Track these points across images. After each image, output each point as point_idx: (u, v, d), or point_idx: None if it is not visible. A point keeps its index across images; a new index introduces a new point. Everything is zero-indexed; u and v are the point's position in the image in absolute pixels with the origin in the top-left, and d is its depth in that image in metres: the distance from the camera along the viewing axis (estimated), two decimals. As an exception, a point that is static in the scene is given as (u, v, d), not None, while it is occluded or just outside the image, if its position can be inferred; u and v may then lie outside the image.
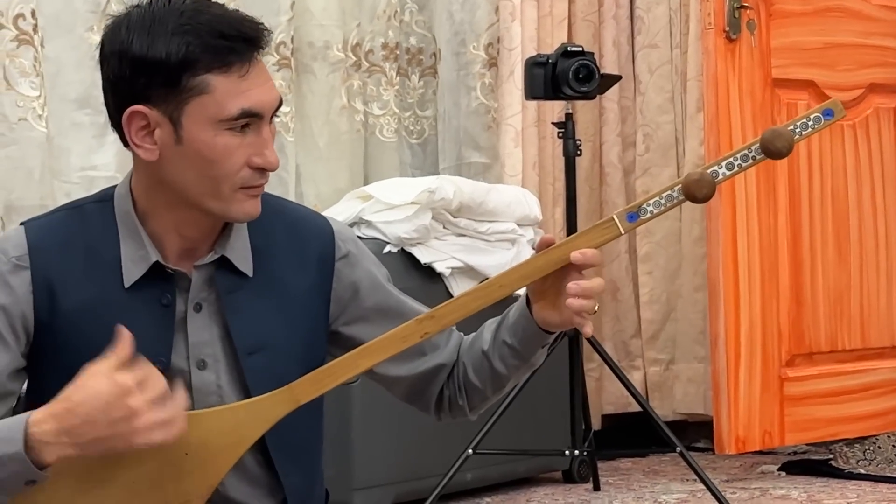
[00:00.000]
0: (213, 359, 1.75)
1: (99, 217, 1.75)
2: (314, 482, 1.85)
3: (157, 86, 1.67)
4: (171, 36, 1.66)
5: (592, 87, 3.65)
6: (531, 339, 1.78)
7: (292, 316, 1.78)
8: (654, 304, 4.55)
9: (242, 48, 1.67)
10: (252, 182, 1.70)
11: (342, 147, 4.07)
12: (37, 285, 1.71)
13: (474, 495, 3.72)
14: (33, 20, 3.42)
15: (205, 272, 1.75)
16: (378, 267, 1.88)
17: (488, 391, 1.85)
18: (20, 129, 3.41)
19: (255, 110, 1.68)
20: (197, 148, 1.67)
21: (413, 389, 1.87)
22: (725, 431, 3.79)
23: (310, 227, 1.83)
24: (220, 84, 1.66)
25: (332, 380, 1.71)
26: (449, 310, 1.72)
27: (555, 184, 4.38)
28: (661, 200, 1.72)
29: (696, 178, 1.71)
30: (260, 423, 1.70)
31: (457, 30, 4.25)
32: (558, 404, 3.78)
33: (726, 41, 3.80)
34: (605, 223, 1.72)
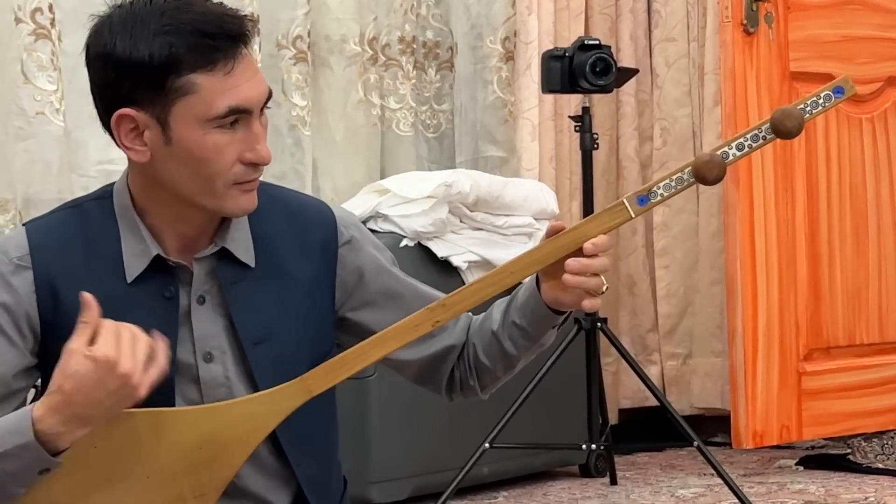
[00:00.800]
0: (220, 351, 1.75)
1: (99, 214, 1.75)
2: (330, 472, 1.85)
3: (142, 88, 1.65)
4: (153, 37, 1.64)
5: (609, 81, 3.64)
6: (540, 319, 1.78)
7: (297, 304, 1.78)
8: (672, 298, 4.54)
9: (226, 45, 1.65)
10: (245, 177, 1.69)
11: (359, 141, 4.07)
12: (39, 285, 1.71)
13: (491, 489, 3.72)
14: (51, 14, 3.43)
15: (206, 264, 1.75)
16: (382, 251, 1.87)
17: (499, 371, 1.85)
18: (38, 123, 3.42)
19: (244, 106, 1.67)
20: (187, 148, 1.67)
21: (423, 371, 1.87)
22: (743, 426, 3.78)
23: (311, 215, 1.82)
24: (206, 83, 1.65)
25: (345, 370, 1.70)
26: (460, 297, 1.71)
27: (571, 178, 4.37)
28: (671, 183, 1.71)
29: (707, 159, 1.69)
30: (273, 415, 1.70)
31: (473, 23, 4.24)
32: (575, 398, 3.78)
33: (744, 34, 3.79)
34: (616, 207, 1.71)
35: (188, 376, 1.74)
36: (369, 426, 3.44)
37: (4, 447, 1.61)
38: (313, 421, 1.80)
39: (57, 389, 1.60)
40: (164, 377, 1.68)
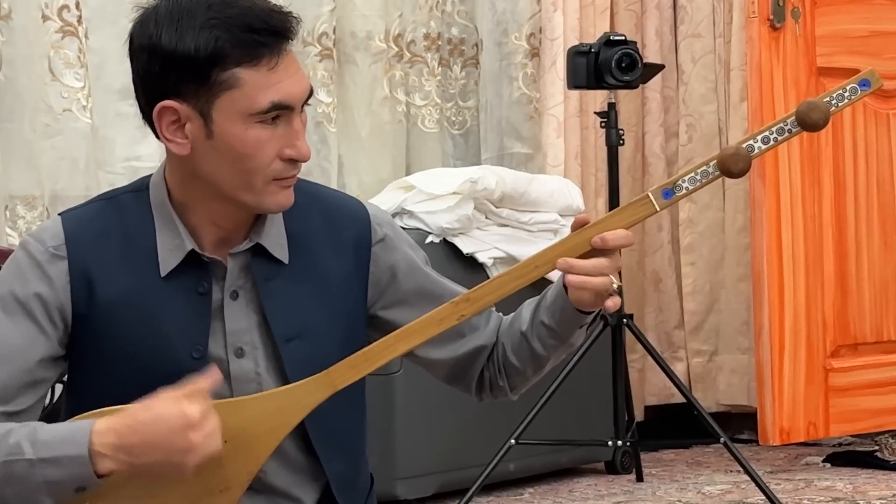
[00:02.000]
0: (251, 346, 1.75)
1: (135, 207, 1.74)
2: (358, 469, 1.84)
3: (186, 81, 1.66)
4: (199, 30, 1.64)
5: (635, 77, 3.64)
6: (568, 319, 1.77)
7: (330, 301, 1.78)
8: (698, 294, 4.53)
9: (271, 41, 1.65)
10: (284, 174, 1.69)
11: (384, 137, 4.07)
12: (74, 275, 1.71)
13: (517, 485, 3.72)
14: (77, 12, 3.45)
15: (240, 260, 1.75)
16: (416, 250, 1.87)
17: (528, 371, 1.84)
18: (65, 120, 3.44)
19: (286, 102, 1.67)
20: (228, 142, 1.67)
21: (454, 371, 1.87)
22: (770, 422, 3.77)
23: (345, 212, 1.82)
24: (250, 78, 1.65)
25: (369, 364, 1.70)
26: (485, 291, 1.71)
27: (597, 174, 4.36)
28: (696, 176, 1.70)
29: (732, 152, 1.69)
30: (298, 409, 1.69)
31: (499, 20, 4.24)
32: (601, 395, 3.77)
33: (770, 30, 3.77)
34: (641, 200, 1.71)
35: (219, 371, 1.74)
36: (395, 422, 3.44)
37: (53, 453, 1.61)
38: (344, 418, 1.80)
39: (131, 415, 1.61)
40: (193, 373, 1.69)
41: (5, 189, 3.36)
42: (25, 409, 1.70)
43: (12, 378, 1.69)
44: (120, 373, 1.72)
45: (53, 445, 1.61)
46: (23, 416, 1.70)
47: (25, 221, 3.41)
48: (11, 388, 1.69)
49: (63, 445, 1.61)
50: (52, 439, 1.62)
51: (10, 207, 3.40)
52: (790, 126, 1.69)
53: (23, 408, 1.70)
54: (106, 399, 1.68)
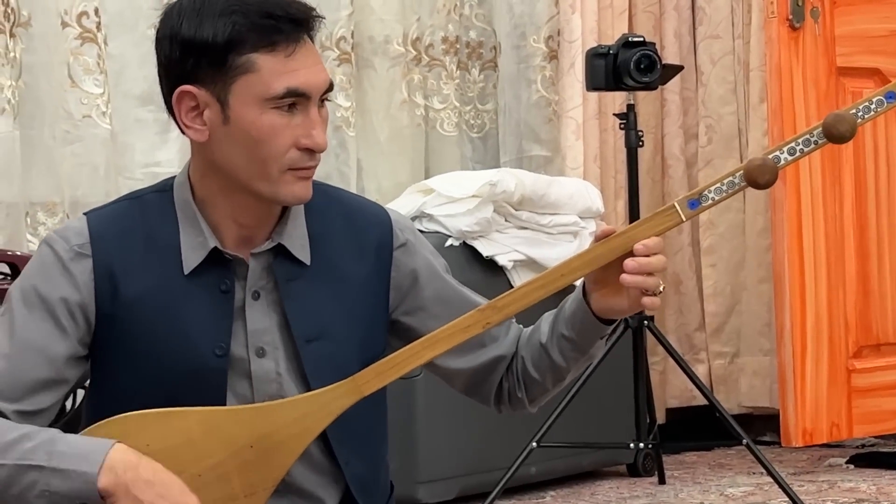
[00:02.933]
0: (272, 346, 1.75)
1: (158, 206, 1.76)
2: (378, 472, 1.84)
3: (204, 66, 1.68)
4: (218, 17, 1.67)
5: (654, 78, 3.63)
6: (589, 330, 1.77)
7: (350, 304, 1.78)
8: (718, 296, 4.52)
9: (289, 28, 1.67)
10: (300, 163, 1.70)
11: (403, 141, 4.07)
12: (98, 273, 1.72)
13: (539, 489, 3.71)
14: (97, 18, 3.45)
15: (262, 260, 1.75)
16: (436, 257, 1.87)
17: (548, 383, 1.84)
18: (85, 127, 3.45)
19: (302, 90, 1.68)
20: (244, 127, 1.68)
21: (472, 382, 1.87)
22: (792, 424, 3.75)
23: (368, 216, 1.83)
24: (266, 63, 1.67)
25: (395, 371, 1.71)
26: (511, 299, 1.71)
27: (616, 176, 4.36)
28: (722, 187, 1.70)
29: (759, 163, 1.69)
30: (324, 415, 1.70)
31: (516, 22, 4.24)
32: (622, 397, 3.76)
33: (790, 30, 3.76)
34: (667, 210, 1.70)
35: (240, 370, 1.75)
36: (416, 426, 3.44)
37: (66, 465, 1.62)
38: (363, 421, 1.80)
39: (156, 464, 1.63)
40: (216, 371, 1.69)
41: (26, 195, 3.37)
42: (42, 409, 1.71)
43: (33, 375, 1.69)
44: (142, 370, 1.72)
45: (68, 457, 1.62)
46: (37, 417, 1.70)
47: (46, 228, 3.42)
48: (31, 385, 1.69)
49: (76, 460, 1.62)
50: (69, 451, 1.63)
51: (31, 214, 3.41)
52: (816, 137, 1.70)
53: (40, 408, 1.70)
54: (129, 397, 1.69)
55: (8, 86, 3.29)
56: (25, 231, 3.37)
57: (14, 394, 1.68)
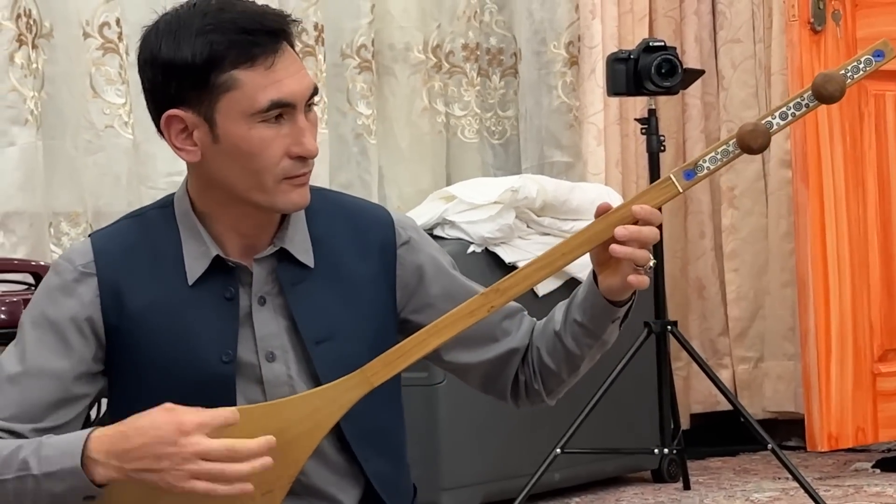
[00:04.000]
0: (282, 350, 1.76)
1: (161, 221, 1.77)
2: (399, 472, 1.84)
3: (187, 88, 1.68)
4: (195, 37, 1.68)
5: (675, 82, 3.62)
6: (600, 314, 1.76)
7: (358, 304, 1.78)
8: (742, 301, 4.50)
9: (265, 40, 1.68)
10: (293, 172, 1.70)
11: (424, 148, 4.07)
12: (104, 290, 1.73)
13: (563, 495, 3.70)
14: (118, 28, 3.47)
15: (266, 265, 1.76)
16: (442, 254, 1.87)
17: (563, 373, 1.83)
18: (107, 137, 3.46)
19: (286, 100, 1.68)
20: (234, 143, 1.69)
21: (487, 376, 1.86)
22: (817, 428, 3.74)
23: (368, 217, 1.83)
24: (248, 78, 1.67)
25: (403, 360, 1.70)
26: (514, 281, 1.70)
27: (638, 181, 4.35)
28: (716, 156, 1.70)
29: (750, 128, 1.69)
30: (335, 409, 1.70)
31: (537, 29, 4.24)
32: (646, 403, 3.75)
33: (811, 33, 3.75)
34: (663, 182, 1.70)
35: (250, 376, 1.75)
36: (439, 433, 3.44)
37: (53, 467, 1.63)
38: (379, 417, 1.80)
39: (128, 421, 1.63)
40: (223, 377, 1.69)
41: (49, 206, 3.39)
42: (61, 425, 1.72)
43: (44, 396, 1.72)
44: (153, 381, 1.74)
45: (53, 459, 1.63)
46: (60, 432, 1.71)
47: (69, 238, 3.43)
48: (44, 406, 1.72)
49: (61, 458, 1.63)
50: (53, 453, 1.64)
51: (55, 224, 3.42)
52: (807, 100, 1.70)
53: (57, 424, 1.72)
54: (142, 408, 1.68)
55: (30, 96, 3.31)
56: (49, 241, 3.38)
57: (28, 416, 1.71)
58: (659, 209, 1.71)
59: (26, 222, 3.31)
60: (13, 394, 1.71)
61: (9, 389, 1.72)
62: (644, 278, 1.70)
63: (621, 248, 1.67)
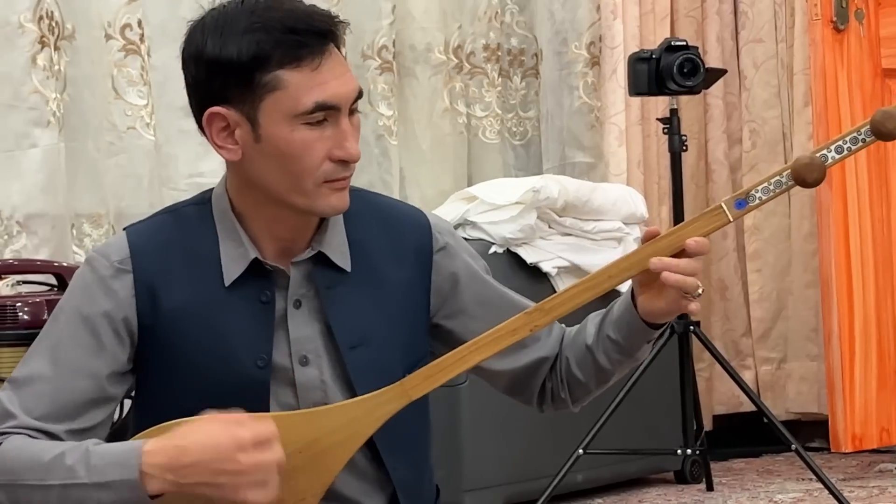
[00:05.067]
0: (316, 354, 1.75)
1: (197, 218, 1.75)
2: (423, 477, 1.84)
3: (231, 86, 1.67)
4: (242, 35, 1.65)
5: (697, 82, 3.60)
6: (635, 334, 1.75)
7: (392, 309, 1.77)
8: (765, 302, 4.48)
9: (313, 41, 1.65)
10: (335, 175, 1.69)
11: (445, 149, 4.07)
12: (139, 288, 1.72)
13: (585, 496, 3.69)
14: (140, 30, 3.47)
15: (303, 268, 1.75)
16: (476, 259, 1.86)
17: (591, 385, 1.83)
18: (129, 138, 3.46)
19: (331, 103, 1.66)
20: (275, 144, 1.67)
21: (515, 382, 1.86)
22: (841, 429, 3.72)
23: (406, 221, 1.82)
24: (293, 79, 1.65)
25: (443, 375, 1.69)
26: (557, 302, 1.70)
27: (660, 182, 4.33)
28: (769, 186, 1.68)
29: (806, 161, 1.67)
30: (372, 420, 1.69)
31: (558, 29, 4.23)
32: (669, 404, 3.74)
33: (834, 32, 3.73)
34: (713, 211, 1.69)
35: (284, 380, 1.74)
36: (462, 434, 3.43)
37: (106, 477, 1.61)
38: (410, 426, 1.79)
39: (180, 435, 1.61)
40: (258, 382, 1.68)
41: (71, 207, 3.39)
42: (94, 426, 1.71)
43: (79, 395, 1.70)
44: (184, 383, 1.72)
45: (105, 470, 1.61)
46: (91, 432, 1.70)
47: (92, 239, 3.44)
48: (79, 405, 1.70)
49: (114, 469, 1.61)
50: (103, 464, 1.62)
51: (77, 226, 3.43)
52: (864, 135, 1.69)
53: (91, 425, 1.70)
54: (172, 410, 1.68)
55: (53, 98, 3.31)
56: (71, 243, 3.39)
57: (63, 415, 1.69)
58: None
59: (49, 224, 3.32)
60: (46, 392, 1.69)
61: (41, 387, 1.69)
62: (696, 304, 1.68)
63: (673, 276, 1.66)
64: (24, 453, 1.65)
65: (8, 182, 3.28)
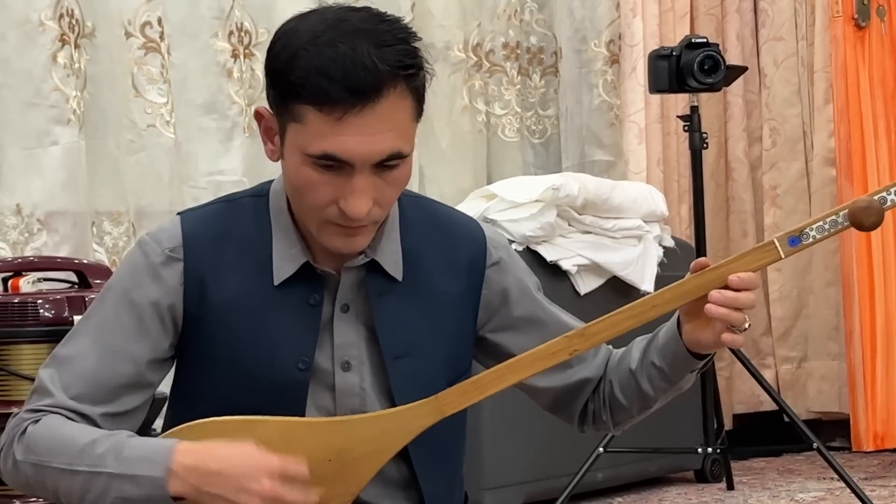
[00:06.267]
0: (358, 361, 1.73)
1: (253, 212, 1.73)
2: (453, 487, 1.82)
3: (273, 97, 1.66)
4: (294, 53, 1.61)
5: (718, 79, 3.59)
6: (680, 362, 1.74)
7: (440, 322, 1.75)
8: (785, 300, 4.47)
9: (342, 95, 1.58)
10: (338, 221, 1.64)
11: (465, 147, 4.06)
12: (188, 277, 1.70)
13: (606, 495, 3.68)
14: (160, 28, 3.48)
15: (354, 274, 1.72)
16: (529, 275, 1.83)
17: (634, 410, 1.81)
18: (149, 136, 3.47)
19: (341, 157, 1.61)
20: (288, 168, 1.66)
21: (558, 401, 1.84)
22: (863, 428, 3.70)
23: (462, 232, 1.79)
24: (315, 119, 1.60)
25: (478, 392, 1.68)
26: (600, 328, 1.68)
27: (679, 180, 4.32)
28: (824, 226, 1.65)
29: (864, 205, 1.64)
30: (404, 434, 1.67)
31: (577, 27, 4.22)
32: (689, 403, 3.72)
33: (855, 29, 3.72)
34: (765, 246, 1.66)
35: (324, 383, 1.72)
36: (482, 432, 3.42)
37: (134, 470, 1.61)
38: (445, 440, 1.77)
39: (215, 444, 1.61)
40: (297, 384, 1.68)
41: (92, 205, 3.40)
42: (130, 409, 1.70)
43: (118, 378, 1.69)
44: (223, 377, 1.71)
45: (135, 463, 1.61)
46: (127, 418, 1.70)
47: (112, 237, 3.44)
48: (117, 388, 1.69)
49: (143, 465, 1.60)
50: (134, 457, 1.61)
51: (97, 223, 3.43)
52: None
53: (126, 409, 1.69)
54: (207, 403, 1.68)
55: (73, 96, 3.32)
56: (91, 240, 3.39)
57: (100, 397, 1.68)
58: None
59: (69, 221, 3.32)
60: (86, 371, 1.68)
61: (80, 365, 1.68)
62: (739, 338, 1.66)
63: (717, 310, 1.63)
64: (57, 435, 1.64)
65: (29, 180, 3.29)
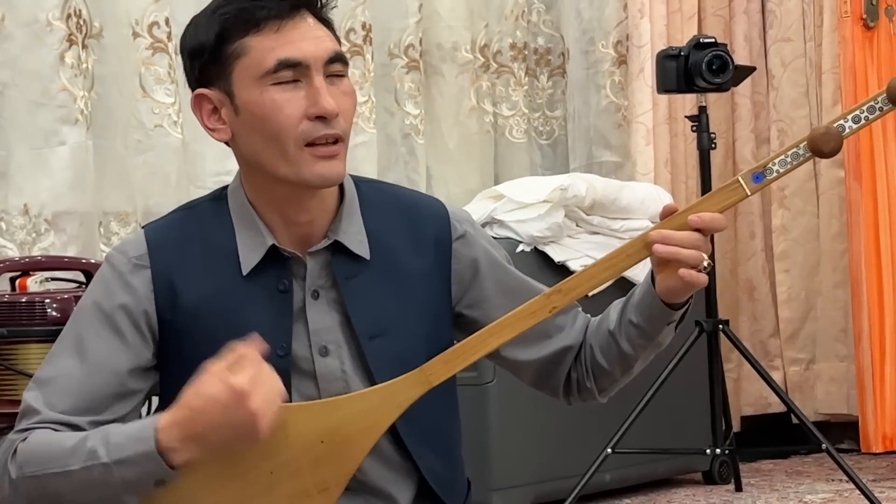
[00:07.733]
0: (336, 345, 1.74)
1: (214, 213, 1.76)
2: (453, 467, 1.82)
3: (207, 66, 1.70)
4: (209, 17, 1.70)
5: (726, 79, 3.58)
6: (656, 315, 1.73)
7: (412, 298, 1.76)
8: (793, 302, 4.46)
9: (271, 5, 1.68)
10: (314, 134, 1.68)
11: (472, 148, 4.06)
12: (157, 283, 1.73)
13: (614, 496, 3.67)
14: (167, 28, 3.48)
15: (321, 258, 1.75)
16: (496, 248, 1.85)
17: (616, 373, 1.81)
18: (156, 136, 3.47)
19: (295, 59, 1.67)
20: (251, 111, 1.68)
21: (540, 373, 1.84)
22: (872, 429, 3.70)
23: (424, 210, 1.81)
24: (256, 43, 1.68)
25: (462, 359, 1.69)
26: (576, 283, 1.68)
27: (687, 181, 4.32)
28: (786, 159, 1.66)
29: (822, 132, 1.65)
30: (393, 408, 1.68)
31: (585, 28, 4.21)
32: (697, 404, 3.72)
33: (864, 29, 3.72)
34: (731, 185, 1.67)
35: (304, 371, 1.74)
36: (490, 433, 3.42)
37: (125, 453, 1.62)
38: (433, 412, 1.78)
39: (185, 405, 1.62)
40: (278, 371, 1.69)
41: (99, 205, 3.40)
42: (118, 419, 1.71)
43: (102, 389, 1.71)
44: None
45: (125, 446, 1.62)
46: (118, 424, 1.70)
47: (119, 237, 3.44)
48: (102, 399, 1.71)
49: (134, 444, 1.62)
50: (123, 440, 1.63)
51: (105, 223, 3.43)
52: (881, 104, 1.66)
53: (115, 417, 1.71)
54: None
55: (80, 96, 3.32)
56: (99, 240, 3.39)
57: (86, 408, 1.70)
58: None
59: (77, 221, 3.32)
60: (70, 387, 1.70)
61: (63, 383, 1.71)
62: (698, 276, 1.65)
63: (664, 248, 1.64)
64: (47, 443, 1.66)
65: (36, 179, 3.29)
